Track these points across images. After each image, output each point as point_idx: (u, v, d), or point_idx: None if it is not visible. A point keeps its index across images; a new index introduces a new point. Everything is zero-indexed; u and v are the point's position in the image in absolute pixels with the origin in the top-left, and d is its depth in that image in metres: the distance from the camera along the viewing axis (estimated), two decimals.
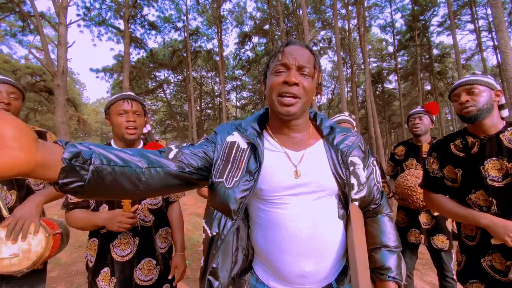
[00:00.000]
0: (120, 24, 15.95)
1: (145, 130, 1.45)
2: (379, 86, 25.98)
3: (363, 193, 0.82)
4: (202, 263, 0.77)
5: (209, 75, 26.55)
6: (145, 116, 1.41)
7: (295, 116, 0.76)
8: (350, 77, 20.23)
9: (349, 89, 23.96)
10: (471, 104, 1.16)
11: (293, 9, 18.69)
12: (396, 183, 1.96)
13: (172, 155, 0.68)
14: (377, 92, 25.79)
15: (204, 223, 0.78)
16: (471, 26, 19.13)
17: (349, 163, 0.77)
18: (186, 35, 18.53)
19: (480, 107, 1.15)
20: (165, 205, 1.49)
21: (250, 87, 27.45)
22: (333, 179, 0.76)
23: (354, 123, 2.12)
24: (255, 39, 22.37)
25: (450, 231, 1.90)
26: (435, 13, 19.98)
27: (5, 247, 1.13)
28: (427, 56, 22.23)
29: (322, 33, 23.98)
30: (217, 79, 25.33)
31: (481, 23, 18.98)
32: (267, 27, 20.31)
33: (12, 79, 1.39)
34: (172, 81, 24.38)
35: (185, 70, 21.11)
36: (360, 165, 0.80)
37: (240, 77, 26.41)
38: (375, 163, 0.89)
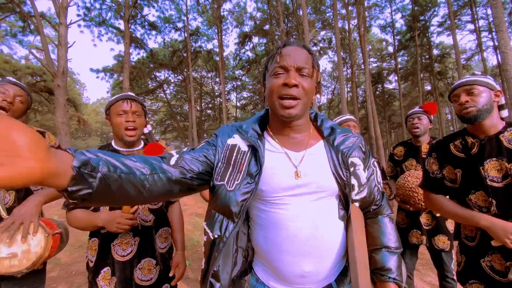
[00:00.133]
0: (120, 24, 15.97)
1: (146, 131, 1.46)
2: (379, 86, 25.96)
3: (364, 194, 0.82)
4: (203, 265, 0.78)
5: (209, 75, 26.54)
6: (145, 116, 1.42)
7: (296, 117, 0.76)
8: (350, 77, 20.21)
9: (349, 89, 23.96)
10: (471, 105, 1.16)
11: (293, 9, 18.68)
12: (397, 184, 1.95)
13: (173, 161, 0.69)
14: (377, 92, 25.78)
15: (205, 226, 0.78)
16: (471, 26, 19.11)
17: (349, 164, 0.77)
18: (186, 35, 18.53)
19: (480, 108, 1.15)
20: (166, 205, 1.49)
21: (250, 87, 27.44)
22: (333, 180, 0.76)
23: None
24: (255, 39, 22.37)
25: (451, 231, 1.89)
26: (435, 13, 19.96)
27: (4, 248, 1.13)
28: (427, 56, 22.20)
29: (322, 33, 23.98)
30: (217, 79, 25.33)
31: (481, 23, 18.98)
32: (267, 27, 20.29)
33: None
34: (172, 81, 24.38)
35: (185, 70, 21.09)
36: (361, 166, 0.80)
37: (240, 77, 26.40)
38: (375, 164, 0.89)
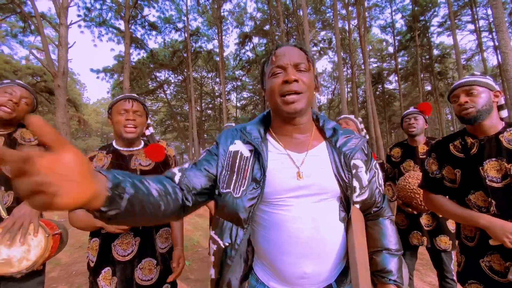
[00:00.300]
0: (121, 24, 15.97)
1: (147, 133, 1.49)
2: (380, 86, 25.96)
3: (365, 196, 0.82)
4: (213, 275, 0.77)
5: (209, 75, 26.54)
6: (147, 117, 1.43)
7: (301, 112, 0.77)
8: (351, 77, 20.21)
9: (349, 89, 23.97)
10: (470, 106, 1.16)
11: (293, 9, 18.68)
12: (398, 186, 1.93)
13: (177, 180, 0.71)
14: (377, 93, 25.78)
15: (214, 235, 0.78)
16: (471, 27, 19.11)
17: (351, 166, 0.77)
18: (186, 35, 18.54)
19: (479, 109, 1.14)
20: None
21: (251, 87, 27.43)
22: (335, 182, 0.76)
23: (357, 123, 2.10)
24: (255, 40, 22.39)
25: (453, 231, 1.88)
26: (435, 13, 19.97)
27: (4, 248, 1.13)
28: (427, 57, 22.20)
29: (322, 33, 23.99)
30: (218, 79, 25.32)
31: (482, 23, 18.98)
32: (267, 27, 20.31)
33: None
34: (172, 81, 24.39)
35: (185, 70, 21.10)
36: (363, 168, 0.80)
37: (241, 77, 26.41)
38: (377, 166, 0.89)
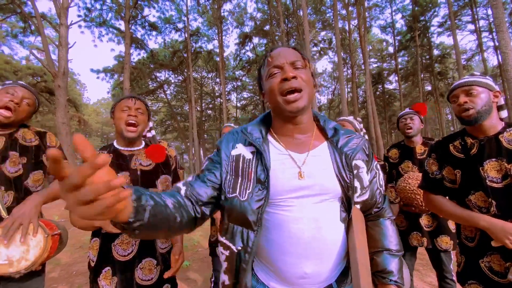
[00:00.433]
0: (121, 25, 16.00)
1: (149, 135, 1.51)
2: (380, 86, 25.96)
3: (366, 196, 0.81)
4: (227, 281, 0.77)
5: (209, 75, 26.56)
6: (148, 118, 1.45)
7: (303, 110, 0.77)
8: (351, 77, 20.22)
9: (349, 89, 23.97)
10: (470, 106, 1.16)
11: (293, 9, 18.68)
12: (398, 188, 1.93)
13: (183, 193, 0.72)
14: (377, 93, 25.77)
15: (224, 240, 0.77)
16: (471, 27, 19.12)
17: (353, 166, 0.77)
18: (186, 35, 18.56)
19: (479, 109, 1.14)
20: None
21: (251, 87, 27.43)
22: (336, 182, 0.76)
23: (355, 124, 2.08)
24: (255, 40, 22.40)
25: (453, 231, 1.86)
26: (435, 13, 19.98)
27: (3, 248, 1.12)
28: (427, 57, 22.20)
29: (322, 33, 24.00)
30: (218, 79, 25.32)
31: (482, 23, 19.01)
32: (267, 27, 20.31)
33: (13, 80, 1.41)
34: (172, 81, 24.41)
35: (185, 70, 21.11)
36: (364, 169, 0.80)
37: (241, 77, 26.41)
38: (378, 166, 0.89)
